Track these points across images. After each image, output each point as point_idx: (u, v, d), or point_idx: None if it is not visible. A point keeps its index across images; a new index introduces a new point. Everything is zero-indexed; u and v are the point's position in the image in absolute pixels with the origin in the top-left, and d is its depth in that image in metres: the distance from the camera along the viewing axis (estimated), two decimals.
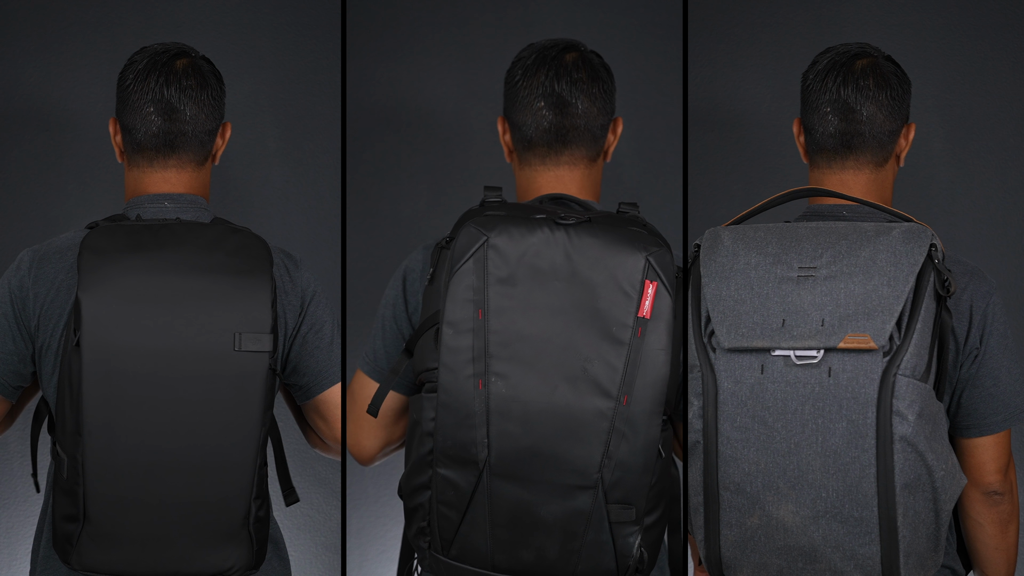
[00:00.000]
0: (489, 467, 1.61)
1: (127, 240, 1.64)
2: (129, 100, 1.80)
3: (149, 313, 1.61)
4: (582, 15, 2.53)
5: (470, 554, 1.65)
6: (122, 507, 1.63)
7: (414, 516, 1.68)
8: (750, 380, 1.61)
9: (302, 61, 2.51)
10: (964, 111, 2.44)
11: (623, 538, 1.64)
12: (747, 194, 2.48)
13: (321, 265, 2.47)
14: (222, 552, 1.68)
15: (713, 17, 2.46)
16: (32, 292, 1.74)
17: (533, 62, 1.82)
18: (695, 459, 1.64)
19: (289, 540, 1.98)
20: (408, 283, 1.78)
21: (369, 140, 2.50)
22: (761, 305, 1.62)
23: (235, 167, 2.50)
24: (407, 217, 2.52)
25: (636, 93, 2.52)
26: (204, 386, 1.63)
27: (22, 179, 2.43)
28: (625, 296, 1.61)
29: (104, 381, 1.60)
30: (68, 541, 1.65)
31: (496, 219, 1.63)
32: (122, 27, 2.42)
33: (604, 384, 1.60)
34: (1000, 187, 2.45)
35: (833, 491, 1.58)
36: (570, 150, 1.82)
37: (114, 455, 1.61)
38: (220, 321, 1.63)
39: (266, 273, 1.67)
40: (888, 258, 1.61)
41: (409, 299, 1.78)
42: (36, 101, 2.42)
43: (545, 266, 1.61)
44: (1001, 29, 2.44)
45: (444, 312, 1.62)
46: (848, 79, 1.78)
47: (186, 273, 1.64)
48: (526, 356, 1.61)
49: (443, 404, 1.62)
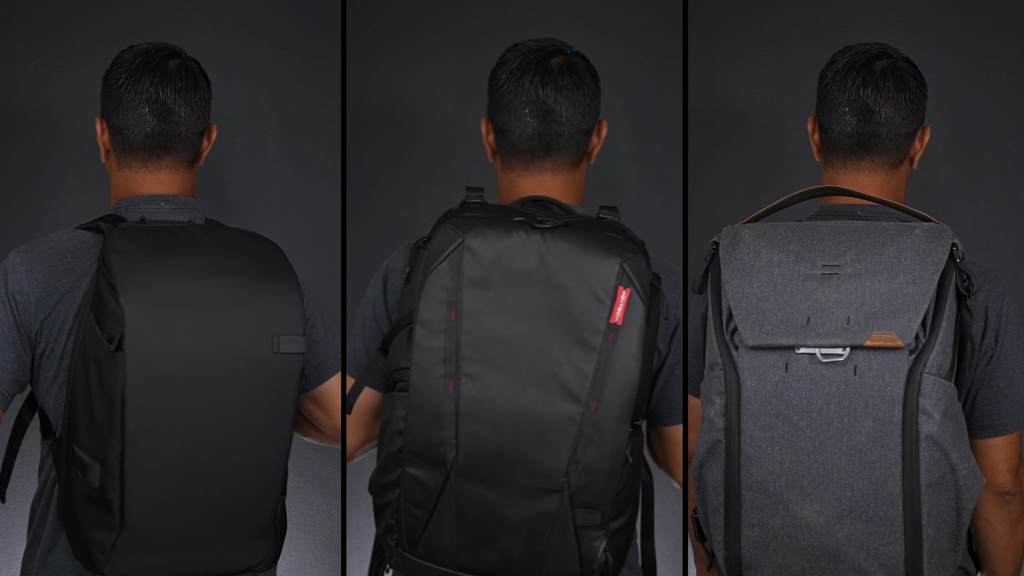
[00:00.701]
0: (457, 467, 1.62)
1: (151, 243, 1.63)
2: (121, 100, 1.78)
3: (187, 317, 1.61)
4: (582, 15, 2.53)
5: (436, 553, 1.66)
6: (161, 512, 1.62)
7: (383, 513, 1.69)
8: (774, 378, 1.60)
9: (302, 61, 2.50)
10: (964, 111, 2.44)
11: (588, 542, 1.64)
12: (747, 194, 2.48)
13: (321, 265, 2.47)
14: (252, 548, 1.70)
15: (713, 17, 2.46)
16: (34, 296, 1.70)
17: (518, 66, 1.82)
18: (715, 458, 1.62)
19: (289, 540, 1.98)
20: (389, 282, 1.79)
21: (369, 140, 2.50)
22: (785, 303, 1.61)
23: (235, 167, 2.50)
24: (407, 217, 2.52)
25: (636, 93, 2.52)
26: (244, 388, 1.64)
27: (22, 179, 2.43)
28: (598, 302, 1.61)
29: (147, 386, 1.58)
30: (100, 550, 1.62)
31: (473, 220, 1.63)
32: (122, 27, 2.42)
33: (574, 389, 1.61)
34: (1000, 187, 2.45)
35: (858, 490, 1.57)
36: (553, 157, 1.82)
37: (157, 460, 1.60)
38: (257, 324, 1.64)
39: (292, 276, 1.68)
40: (912, 256, 1.60)
41: (389, 298, 1.78)
42: (36, 101, 2.42)
43: (520, 269, 1.62)
44: (1001, 29, 2.44)
45: (418, 312, 1.62)
46: (868, 80, 1.78)
47: (219, 277, 1.64)
48: (497, 358, 1.61)
49: (413, 404, 1.62)
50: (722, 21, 2.47)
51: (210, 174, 2.49)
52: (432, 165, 2.51)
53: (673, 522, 2.44)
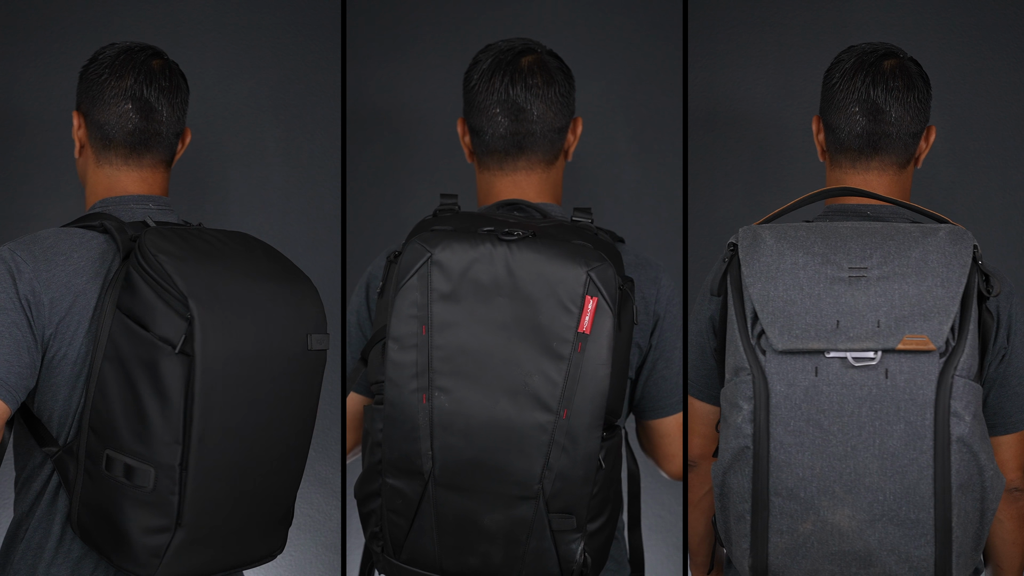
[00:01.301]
0: (434, 478, 1.65)
1: (188, 246, 1.64)
2: (103, 95, 1.77)
3: (240, 318, 1.63)
4: (582, 15, 2.53)
5: (420, 558, 1.69)
6: (216, 508, 1.64)
7: (368, 521, 1.72)
8: (804, 382, 1.59)
9: (302, 61, 2.50)
10: (964, 111, 2.44)
11: (565, 544, 1.66)
12: (747, 194, 2.48)
13: (321, 265, 2.47)
14: (276, 536, 1.75)
15: (713, 17, 2.46)
16: (47, 298, 1.65)
17: (489, 67, 1.84)
18: (742, 465, 1.61)
19: (289, 540, 1.98)
20: (371, 290, 1.84)
21: (369, 140, 2.50)
22: (813, 306, 1.60)
23: (235, 167, 2.50)
24: (407, 217, 2.51)
25: (636, 93, 2.52)
26: (285, 385, 1.68)
27: (23, 179, 2.43)
28: (566, 311, 1.62)
29: (211, 388, 1.59)
30: (154, 554, 1.61)
31: (440, 235, 1.66)
32: (122, 27, 2.42)
33: (544, 398, 1.62)
34: (1000, 187, 2.45)
35: (890, 494, 1.57)
36: (527, 155, 1.84)
37: (218, 459, 1.62)
38: (295, 323, 1.68)
39: (308, 278, 1.73)
40: (939, 259, 1.60)
41: (371, 306, 1.82)
42: (36, 101, 2.42)
43: (487, 281, 1.63)
44: (1001, 29, 2.44)
45: (389, 327, 1.65)
46: (878, 80, 1.78)
47: (257, 279, 1.67)
48: (469, 371, 1.63)
49: (388, 417, 1.65)
50: (722, 21, 2.47)
51: (210, 174, 2.49)
52: (432, 165, 2.51)
53: (673, 522, 2.44)
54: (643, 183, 2.53)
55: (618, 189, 2.51)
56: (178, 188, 2.02)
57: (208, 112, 2.41)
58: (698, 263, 2.35)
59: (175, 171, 1.89)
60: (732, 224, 2.40)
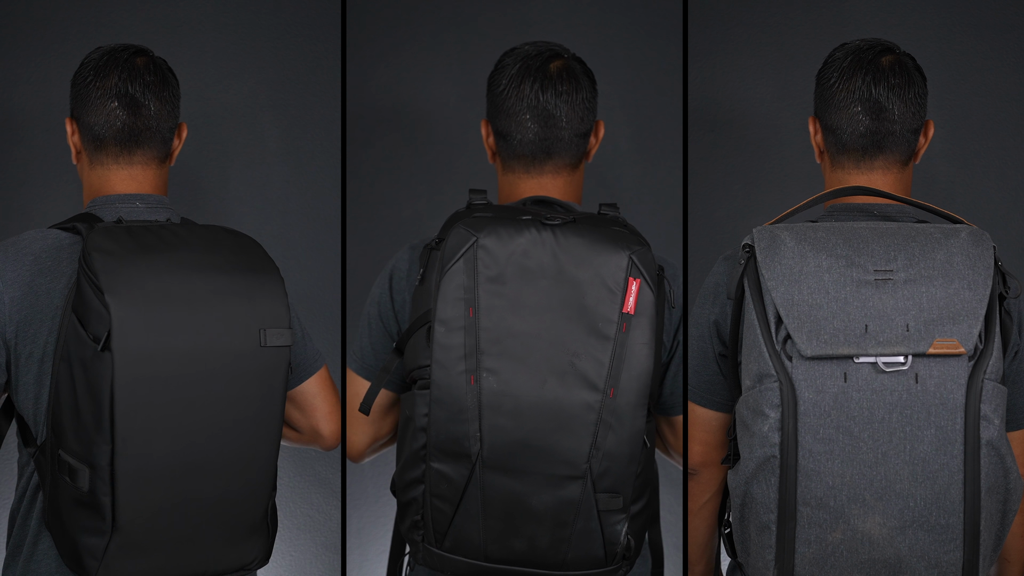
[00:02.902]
0: (482, 460, 1.66)
1: (133, 242, 1.61)
2: (90, 97, 1.77)
3: (174, 314, 1.59)
4: (582, 15, 2.53)
5: (463, 545, 1.69)
6: (155, 514, 1.60)
7: (407, 510, 1.71)
8: (833, 389, 1.56)
9: (302, 61, 2.50)
10: (964, 111, 2.44)
11: (611, 526, 1.68)
12: (747, 194, 2.48)
13: (321, 265, 2.47)
14: (245, 546, 1.69)
15: (713, 17, 2.46)
16: (8, 296, 1.68)
17: (518, 72, 1.84)
18: (767, 475, 1.58)
19: (289, 540, 1.98)
20: (394, 282, 1.82)
21: (369, 140, 2.50)
22: (840, 310, 1.57)
23: (235, 167, 2.50)
24: (407, 217, 2.52)
25: (636, 93, 2.52)
26: (232, 384, 1.63)
27: (22, 179, 2.43)
28: (610, 293, 1.65)
29: (136, 386, 1.56)
30: (92, 556, 1.59)
31: (484, 220, 1.67)
32: (122, 27, 2.42)
33: (591, 378, 1.65)
34: (1000, 187, 2.45)
35: (921, 500, 1.56)
36: (554, 160, 1.85)
37: (148, 461, 1.58)
38: (244, 318, 1.63)
39: (276, 270, 1.68)
40: (964, 261, 1.59)
41: (395, 297, 1.81)
42: (36, 101, 2.42)
43: (533, 265, 1.66)
44: (1001, 29, 2.44)
45: (436, 310, 1.66)
46: (879, 77, 1.75)
47: (204, 272, 1.62)
48: (516, 352, 1.65)
49: (436, 400, 1.66)
50: (722, 21, 2.47)
51: (210, 174, 2.49)
52: (432, 165, 2.52)
53: (673, 522, 2.44)
54: (643, 183, 2.53)
55: (618, 189, 2.51)
56: (178, 188, 2.02)
57: (208, 112, 2.41)
58: (698, 263, 2.36)
59: (175, 171, 1.89)
60: (732, 224, 2.40)
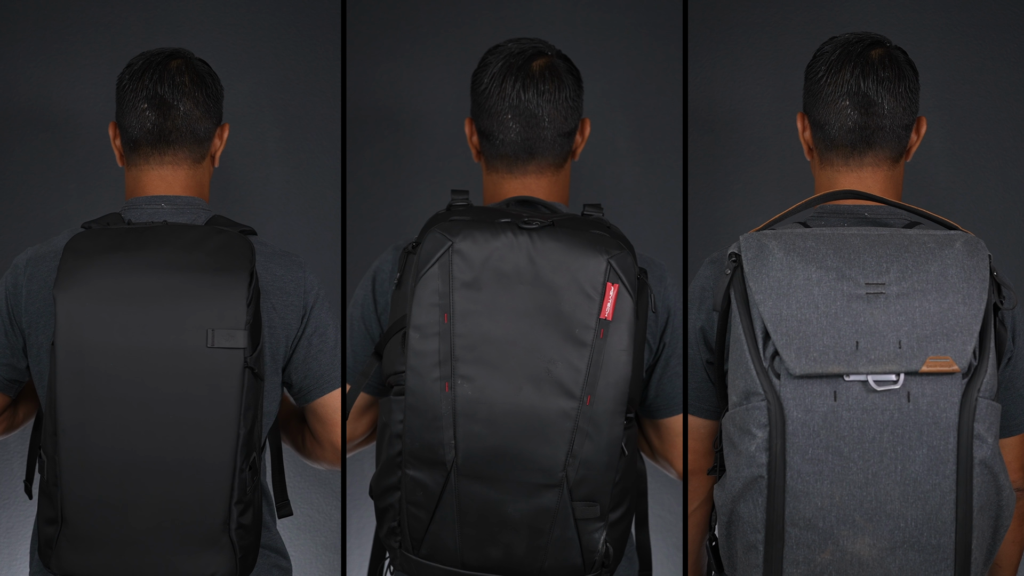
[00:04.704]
0: (456, 468, 1.64)
1: (109, 242, 1.63)
2: (125, 99, 1.82)
3: (122, 312, 1.59)
4: (582, 15, 2.53)
5: (440, 552, 1.67)
6: (98, 509, 1.60)
7: (385, 516, 1.70)
8: (822, 408, 1.51)
9: (302, 61, 2.50)
10: (964, 111, 2.44)
11: (588, 534, 1.66)
12: (747, 194, 2.48)
13: (321, 265, 2.47)
14: (201, 558, 1.64)
15: (713, 17, 2.46)
16: (26, 290, 1.75)
17: (500, 70, 1.83)
18: (754, 495, 1.54)
19: (289, 540, 1.98)
20: (377, 284, 1.81)
21: (369, 140, 2.50)
22: (830, 326, 1.51)
23: (235, 167, 2.50)
24: (407, 217, 2.51)
25: (636, 93, 2.52)
26: (177, 384, 1.60)
27: (22, 179, 2.43)
28: (587, 298, 1.62)
29: (77, 380, 1.58)
30: (48, 545, 1.62)
31: (461, 224, 1.65)
32: (122, 27, 2.42)
33: (568, 385, 1.62)
34: (1000, 187, 2.45)
35: (912, 520, 1.51)
36: (537, 160, 1.84)
37: (88, 456, 1.59)
38: (193, 318, 1.60)
39: (244, 270, 1.63)
40: (959, 274, 1.53)
41: (378, 299, 1.80)
42: (36, 101, 2.42)
43: (509, 270, 1.63)
44: (1001, 29, 2.44)
45: (410, 316, 1.63)
46: (867, 71, 1.71)
47: (161, 272, 1.61)
48: (491, 359, 1.63)
49: (410, 407, 1.64)
50: (722, 21, 2.47)
51: None
52: (432, 165, 2.51)
53: (673, 522, 2.44)
54: (643, 183, 2.53)
55: (618, 189, 2.51)
56: None
57: None
58: (698, 263, 2.35)
59: None
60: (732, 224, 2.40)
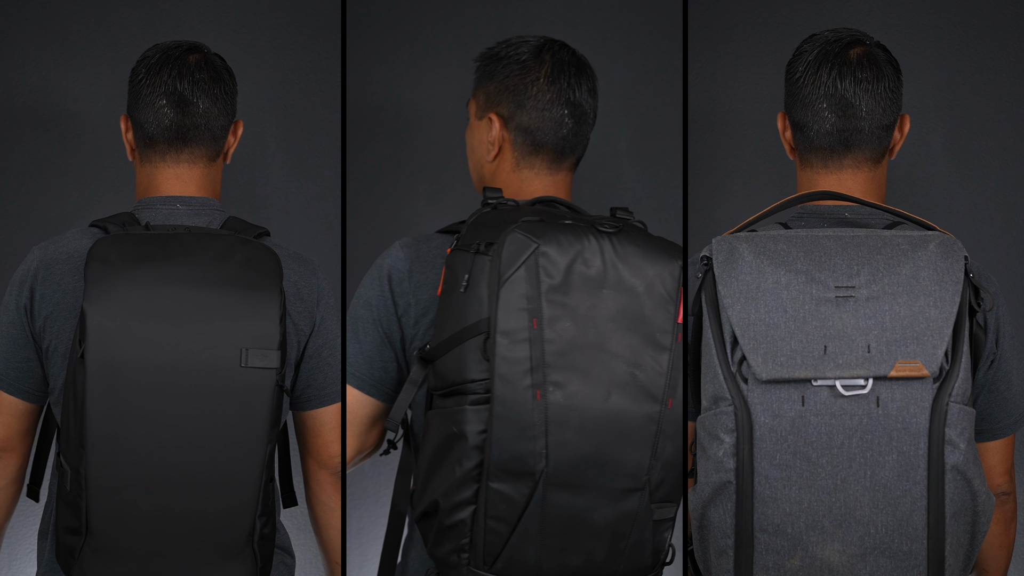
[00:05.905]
0: (546, 477, 1.58)
1: (135, 250, 1.61)
2: (141, 94, 1.79)
3: (155, 326, 1.58)
4: (582, 15, 2.53)
5: (516, 566, 1.61)
6: (124, 521, 1.60)
7: (451, 533, 1.60)
8: (790, 413, 1.50)
9: (302, 61, 2.50)
10: (964, 111, 2.44)
11: (660, 534, 1.67)
12: (747, 194, 2.48)
13: (321, 265, 2.47)
14: (225, 569, 1.65)
15: (713, 17, 2.46)
16: (39, 293, 1.72)
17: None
18: (723, 500, 1.53)
19: (290, 540, 1.98)
20: (395, 283, 1.73)
21: (369, 140, 2.50)
22: (798, 330, 1.50)
23: (235, 167, 2.50)
24: (407, 217, 2.52)
25: (636, 93, 2.52)
26: (209, 401, 1.60)
27: (22, 179, 2.43)
28: (666, 302, 1.63)
29: (109, 394, 1.57)
30: (70, 554, 1.62)
31: (541, 226, 1.60)
32: (123, 27, 2.42)
33: (652, 389, 1.62)
34: (1000, 187, 2.45)
35: (882, 526, 1.50)
36: (568, 158, 1.82)
37: (118, 469, 1.58)
38: (227, 336, 1.59)
39: (275, 287, 1.63)
40: (931, 276, 1.51)
41: (398, 300, 1.72)
42: (36, 101, 2.42)
43: (594, 274, 1.61)
44: (1001, 29, 2.44)
45: (496, 322, 1.57)
46: (845, 71, 1.69)
47: (194, 286, 1.60)
48: (580, 364, 1.59)
49: (499, 416, 1.56)
50: (722, 21, 2.47)
51: None
52: (432, 165, 2.51)
53: None
54: (643, 183, 2.53)
55: (618, 189, 2.51)
56: None
57: None
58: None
59: None
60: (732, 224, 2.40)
